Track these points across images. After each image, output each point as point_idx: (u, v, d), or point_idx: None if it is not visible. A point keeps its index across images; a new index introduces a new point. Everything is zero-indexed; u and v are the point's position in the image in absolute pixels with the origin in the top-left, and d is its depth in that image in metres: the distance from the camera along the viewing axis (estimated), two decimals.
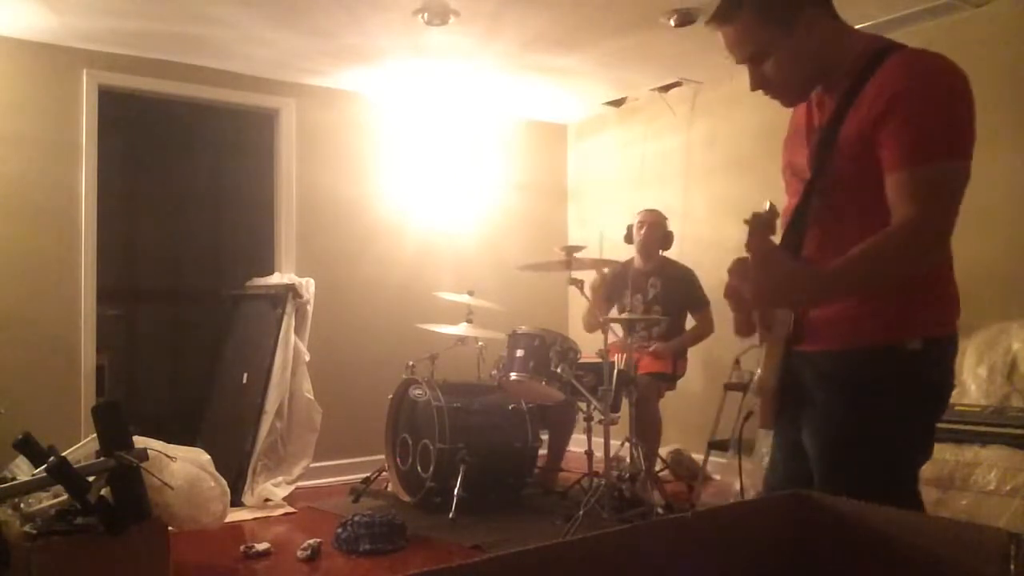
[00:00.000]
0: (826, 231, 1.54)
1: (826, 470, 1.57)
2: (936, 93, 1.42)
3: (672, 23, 3.97)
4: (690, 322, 4.51)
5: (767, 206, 1.51)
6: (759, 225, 1.45)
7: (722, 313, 4.44)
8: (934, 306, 1.51)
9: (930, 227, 1.40)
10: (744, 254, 1.48)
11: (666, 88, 5.11)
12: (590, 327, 4.28)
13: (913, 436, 1.54)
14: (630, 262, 4.54)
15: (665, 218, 4.54)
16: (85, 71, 4.34)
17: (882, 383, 1.50)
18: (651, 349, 4.28)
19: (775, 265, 1.43)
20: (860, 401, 1.52)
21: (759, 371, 1.68)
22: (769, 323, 1.63)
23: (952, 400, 3.54)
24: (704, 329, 4.42)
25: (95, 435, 2.68)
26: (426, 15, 3.87)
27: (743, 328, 1.68)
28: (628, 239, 4.57)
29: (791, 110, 1.76)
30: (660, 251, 4.53)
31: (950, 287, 1.54)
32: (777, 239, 1.56)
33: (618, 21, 4.03)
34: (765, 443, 3.67)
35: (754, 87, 1.62)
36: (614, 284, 4.55)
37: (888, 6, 3.82)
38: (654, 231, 4.46)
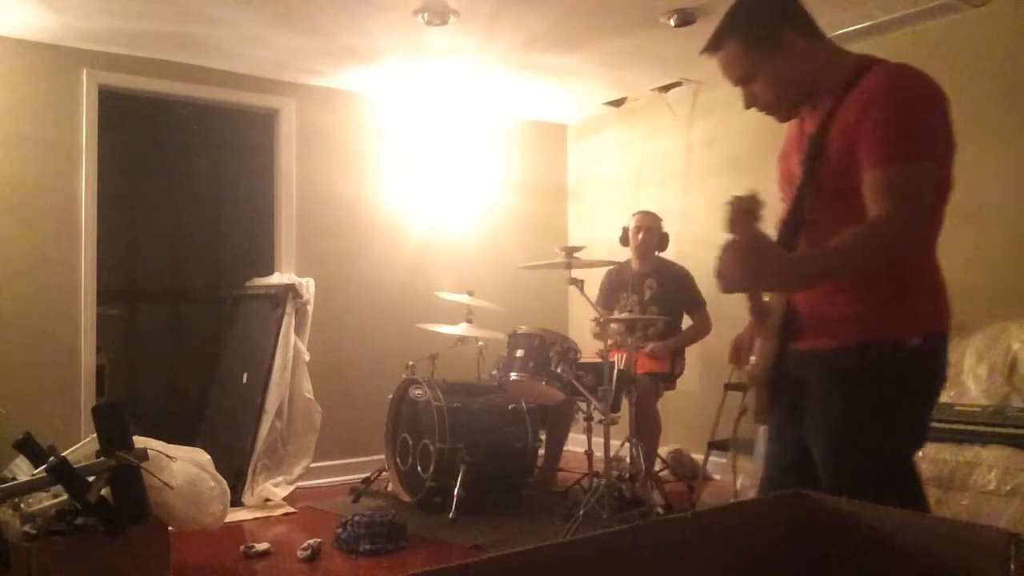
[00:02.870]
0: (819, 231, 1.63)
1: (832, 463, 1.64)
2: (903, 101, 1.54)
3: (672, 23, 3.97)
4: (687, 322, 4.51)
5: (747, 193, 1.59)
6: (741, 210, 1.53)
7: (721, 313, 4.47)
8: (930, 303, 1.64)
9: (899, 223, 1.51)
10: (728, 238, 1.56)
11: (666, 88, 5.11)
12: (600, 336, 4.30)
13: (911, 427, 1.63)
14: (627, 263, 4.55)
15: (660, 219, 4.54)
16: (85, 71, 4.34)
17: (885, 376, 1.58)
18: (648, 349, 4.28)
19: (762, 248, 1.51)
20: (863, 394, 1.60)
21: (753, 361, 1.75)
22: (763, 315, 1.71)
23: (952, 400, 3.56)
24: (702, 328, 4.43)
25: (95, 435, 2.68)
26: (426, 15, 3.87)
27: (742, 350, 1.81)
28: (624, 241, 4.57)
29: None
30: (656, 252, 4.53)
31: (941, 285, 1.67)
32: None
33: (618, 21, 4.03)
34: (764, 441, 3.68)
35: (747, 106, 1.77)
36: (612, 286, 4.57)
37: (888, 6, 3.82)
38: (651, 236, 4.46)
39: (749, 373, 1.76)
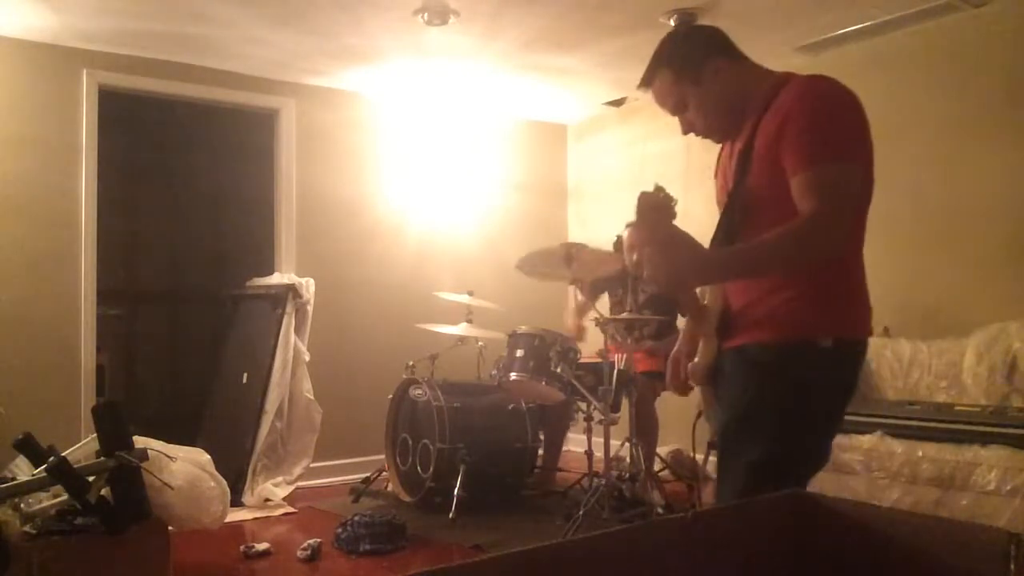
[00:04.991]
0: (749, 237, 1.68)
1: (722, 442, 1.74)
2: (821, 108, 1.61)
3: (672, 23, 3.97)
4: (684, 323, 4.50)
5: (654, 188, 1.65)
6: (650, 206, 1.59)
7: None
8: (848, 311, 1.68)
9: (823, 220, 1.55)
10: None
11: None
12: (575, 333, 4.32)
13: (802, 426, 1.66)
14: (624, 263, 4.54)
15: None
16: (85, 71, 4.34)
17: (792, 372, 1.64)
18: (647, 346, 4.27)
19: (679, 244, 1.59)
20: (767, 384, 1.67)
21: (696, 360, 1.85)
22: (700, 317, 1.81)
23: (952, 400, 3.56)
24: None
25: (95, 435, 2.68)
26: (426, 15, 3.87)
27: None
28: (618, 248, 4.56)
29: None
30: None
31: (862, 295, 1.71)
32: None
33: (618, 21, 4.03)
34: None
35: (684, 132, 1.89)
36: (608, 278, 4.54)
37: (888, 6, 3.82)
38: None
39: (691, 371, 1.86)
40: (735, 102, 1.76)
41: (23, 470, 2.79)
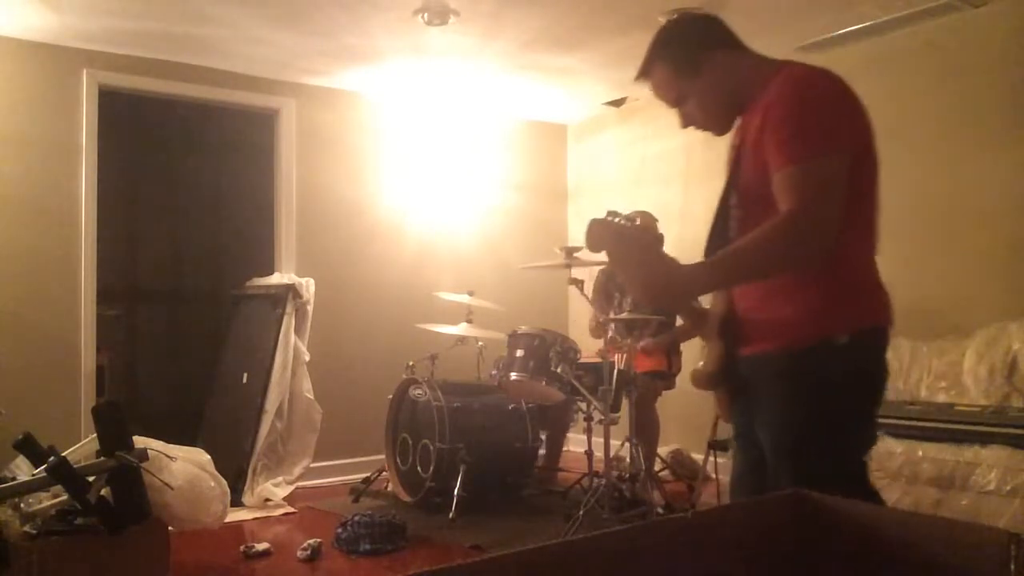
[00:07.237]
0: (743, 235, 1.63)
1: (777, 464, 1.66)
2: (799, 100, 1.56)
3: None
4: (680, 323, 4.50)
5: (606, 214, 1.59)
6: (596, 232, 1.53)
7: None
8: (856, 300, 1.62)
9: (804, 218, 1.50)
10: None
11: None
12: (596, 333, 4.28)
13: (851, 425, 1.62)
14: None
15: (655, 220, 4.53)
16: (85, 71, 4.34)
17: (815, 378, 1.59)
18: (640, 345, 4.27)
19: (649, 266, 1.54)
20: (798, 397, 1.62)
21: (700, 365, 1.83)
22: (699, 320, 1.80)
23: (952, 400, 3.55)
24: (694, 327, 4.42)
25: (95, 435, 2.68)
26: (426, 15, 3.87)
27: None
28: None
29: None
30: None
31: (869, 281, 1.65)
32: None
33: (618, 21, 4.03)
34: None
35: (683, 125, 1.83)
36: (606, 285, 4.56)
37: (888, 6, 3.82)
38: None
39: (693, 376, 1.82)
40: (735, 95, 1.71)
41: (23, 470, 2.79)
